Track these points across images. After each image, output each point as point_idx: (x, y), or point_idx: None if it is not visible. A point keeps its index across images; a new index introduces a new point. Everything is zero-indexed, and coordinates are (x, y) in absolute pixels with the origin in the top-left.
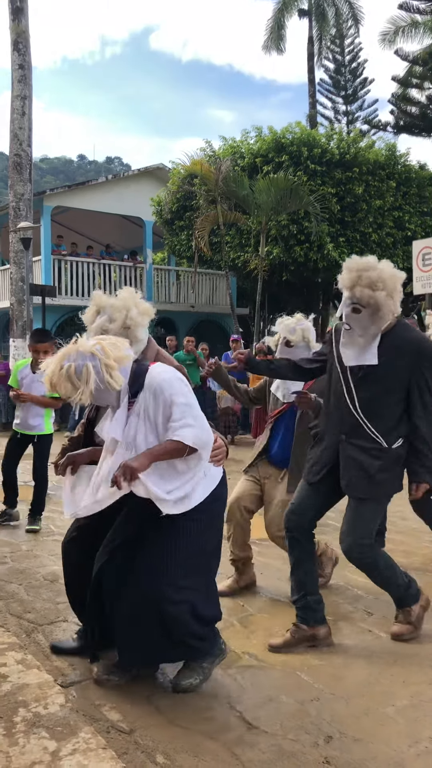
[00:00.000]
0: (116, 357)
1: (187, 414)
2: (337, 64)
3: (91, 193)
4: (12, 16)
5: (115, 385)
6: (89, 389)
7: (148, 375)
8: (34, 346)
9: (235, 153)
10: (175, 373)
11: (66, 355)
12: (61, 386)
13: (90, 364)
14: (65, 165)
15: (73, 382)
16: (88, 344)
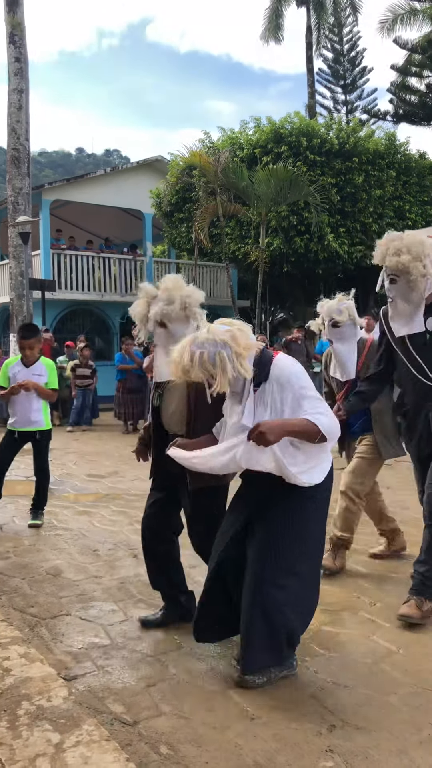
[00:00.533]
0: (245, 345)
1: (319, 406)
2: (336, 54)
3: (89, 187)
4: (7, 8)
5: (245, 374)
6: (227, 378)
7: (273, 365)
8: (20, 342)
9: (233, 144)
10: (300, 366)
11: (196, 341)
12: (194, 374)
13: (223, 352)
14: (64, 158)
15: (207, 369)
16: (220, 331)
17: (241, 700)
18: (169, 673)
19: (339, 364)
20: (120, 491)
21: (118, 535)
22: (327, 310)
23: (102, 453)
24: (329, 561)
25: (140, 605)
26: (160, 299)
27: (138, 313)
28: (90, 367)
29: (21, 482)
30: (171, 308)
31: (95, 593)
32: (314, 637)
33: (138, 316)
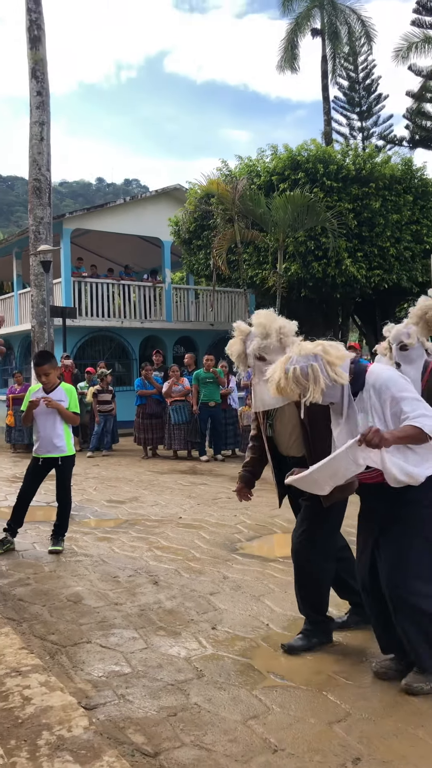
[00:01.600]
0: (337, 355)
1: (419, 406)
2: (351, 81)
3: (109, 215)
4: (30, 44)
5: (340, 380)
6: (320, 387)
7: (368, 373)
8: (35, 369)
9: (251, 172)
10: (394, 371)
11: (289, 359)
12: (289, 389)
13: (315, 364)
14: (84, 188)
15: (300, 383)
16: (309, 346)
17: (263, 730)
18: (191, 702)
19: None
20: (140, 517)
21: (138, 561)
22: (395, 334)
23: (122, 478)
24: None
25: (160, 633)
26: (256, 335)
27: (235, 351)
28: (110, 392)
29: (41, 508)
30: (268, 342)
31: (116, 620)
32: (336, 667)
33: (235, 354)
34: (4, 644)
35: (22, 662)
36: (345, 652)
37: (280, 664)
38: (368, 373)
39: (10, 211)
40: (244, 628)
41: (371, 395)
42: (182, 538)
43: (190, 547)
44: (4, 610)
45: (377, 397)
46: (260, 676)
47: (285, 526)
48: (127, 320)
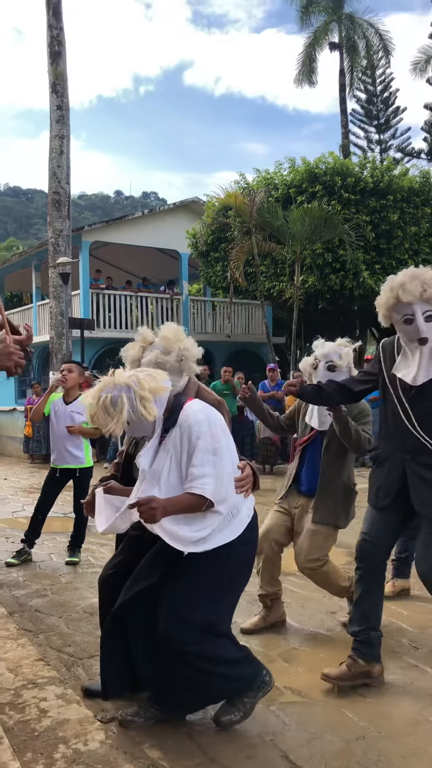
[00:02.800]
0: (151, 388)
1: (207, 462)
2: (369, 94)
3: (127, 228)
4: (50, 60)
5: (148, 417)
6: (122, 419)
7: (182, 412)
8: (62, 366)
9: (269, 184)
10: (209, 415)
11: (104, 386)
12: (98, 417)
13: (124, 395)
14: (102, 201)
15: (108, 412)
16: (123, 376)
17: (281, 747)
18: (208, 717)
19: (320, 411)
20: None
21: None
22: (326, 351)
23: None
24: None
25: None
26: (157, 347)
27: (130, 356)
28: None
29: (58, 519)
30: (166, 359)
31: None
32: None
33: (129, 359)
34: (21, 655)
35: (38, 674)
36: None
37: (297, 680)
38: (182, 411)
39: (30, 223)
40: (260, 642)
41: (177, 435)
42: None
43: None
44: (21, 621)
45: (179, 439)
46: (277, 691)
47: None
48: None
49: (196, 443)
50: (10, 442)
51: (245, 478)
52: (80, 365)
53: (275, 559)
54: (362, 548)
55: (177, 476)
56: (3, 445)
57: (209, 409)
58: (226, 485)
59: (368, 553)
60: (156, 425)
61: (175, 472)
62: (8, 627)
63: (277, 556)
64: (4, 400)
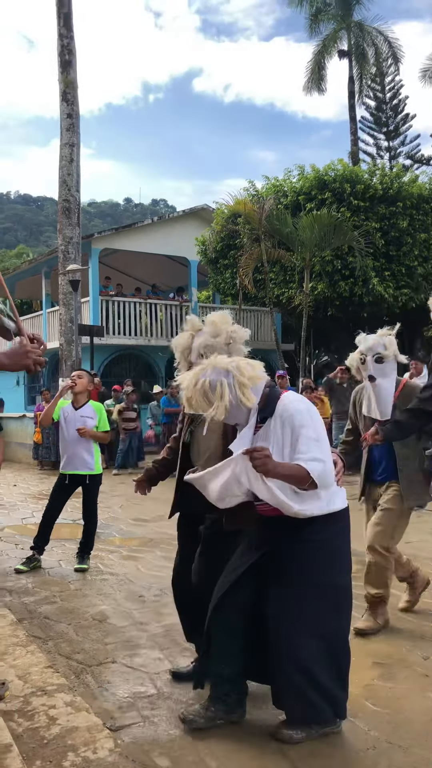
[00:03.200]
0: (250, 376)
1: (314, 448)
2: (378, 102)
3: (137, 235)
4: (61, 69)
5: (247, 403)
6: (224, 405)
7: (280, 402)
8: (73, 373)
9: (278, 192)
10: (308, 405)
11: (202, 370)
12: (195, 400)
13: (224, 380)
14: (112, 208)
15: (207, 396)
16: (224, 361)
17: (292, 756)
18: (217, 725)
19: (379, 402)
20: (166, 536)
21: (164, 581)
22: (371, 344)
23: (147, 497)
24: (370, 622)
25: (186, 654)
26: (205, 332)
27: (180, 344)
28: (135, 410)
29: (67, 525)
30: (215, 341)
31: (141, 640)
32: (365, 692)
33: (179, 348)
34: (31, 663)
35: (47, 681)
36: (372, 678)
37: None
38: (280, 401)
39: (40, 231)
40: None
41: (277, 425)
42: None
43: None
44: (31, 627)
45: (281, 428)
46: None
47: None
48: (154, 338)
49: (300, 431)
50: (19, 449)
51: (339, 469)
52: (89, 373)
53: (383, 562)
54: None
55: None
56: (13, 451)
57: (305, 400)
58: (329, 472)
59: None
60: (251, 414)
61: (278, 461)
62: (18, 634)
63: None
64: (13, 406)
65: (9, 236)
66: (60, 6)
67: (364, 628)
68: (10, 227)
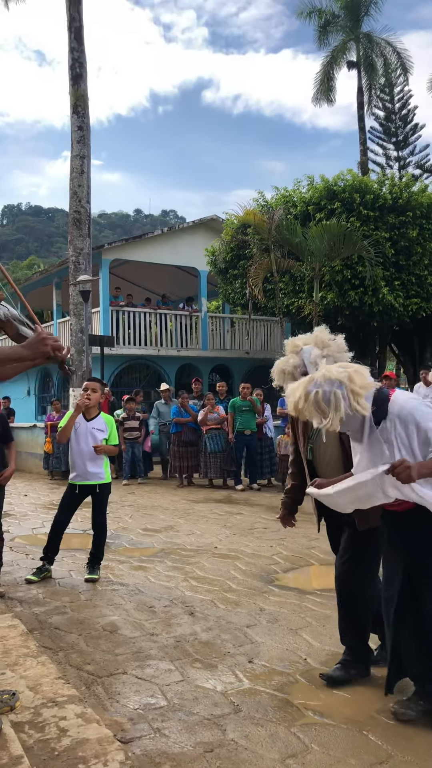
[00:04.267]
0: (362, 384)
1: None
2: (387, 112)
3: (147, 246)
4: (72, 82)
5: (363, 411)
6: (339, 415)
7: (391, 403)
8: (86, 383)
9: (287, 202)
10: (419, 399)
11: (312, 380)
12: (308, 411)
13: (338, 391)
14: (122, 219)
15: (321, 408)
16: (335, 371)
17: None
18: (227, 738)
19: None
20: (175, 546)
21: (174, 591)
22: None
23: (157, 507)
24: None
25: (197, 665)
26: (311, 345)
27: (291, 363)
28: (137, 419)
29: (77, 535)
30: (326, 351)
31: (151, 651)
32: (376, 705)
33: (284, 371)
34: (41, 673)
35: (58, 692)
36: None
37: (319, 701)
38: (391, 402)
39: (51, 242)
40: (281, 662)
41: (396, 425)
42: (218, 569)
43: (226, 578)
44: (41, 638)
45: (403, 428)
46: (298, 712)
47: (322, 558)
48: (164, 348)
49: (427, 425)
50: (30, 459)
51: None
52: (101, 382)
53: None
54: None
55: (412, 461)
56: (23, 461)
57: (414, 396)
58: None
59: None
60: (365, 421)
61: (408, 459)
62: (28, 644)
63: None
64: (24, 416)
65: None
66: (71, 20)
67: None
68: (22, 238)
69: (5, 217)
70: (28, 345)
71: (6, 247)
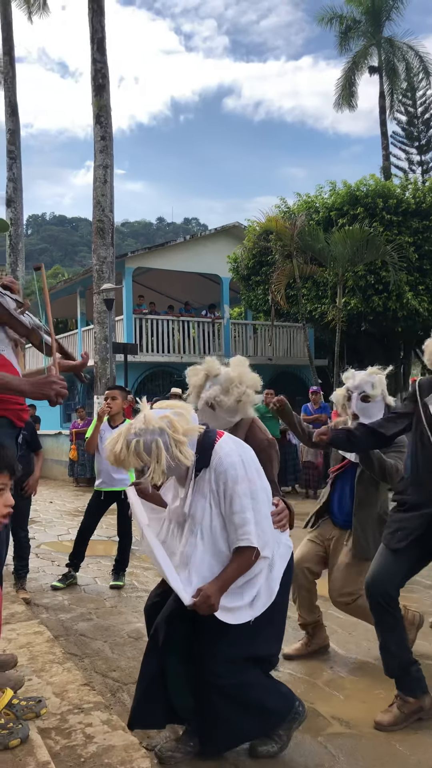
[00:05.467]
0: (185, 430)
1: (246, 508)
2: (410, 116)
3: (170, 254)
4: (94, 92)
5: (185, 461)
6: (161, 467)
7: (214, 452)
8: (107, 392)
9: (309, 208)
10: (242, 455)
11: (129, 430)
12: (129, 462)
13: (159, 440)
14: (145, 228)
15: (141, 458)
16: (155, 418)
17: None
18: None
19: None
20: None
21: None
22: (358, 382)
23: None
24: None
25: None
26: (218, 383)
27: (193, 383)
28: None
29: (102, 542)
30: (224, 399)
31: None
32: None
33: (193, 384)
34: (67, 680)
35: (84, 699)
36: None
37: (345, 710)
38: (214, 451)
39: (75, 251)
40: (306, 669)
41: (212, 478)
42: None
43: None
44: (67, 644)
45: (215, 483)
46: (325, 721)
47: None
48: (187, 356)
49: (234, 488)
50: (55, 466)
51: (281, 512)
52: (123, 389)
53: (311, 588)
54: (372, 585)
55: (219, 523)
56: (48, 468)
57: (241, 447)
58: (266, 528)
59: (378, 590)
60: (190, 469)
61: (217, 519)
62: (54, 651)
63: (312, 584)
64: (49, 424)
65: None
66: (94, 32)
67: (291, 653)
68: (46, 248)
69: (30, 227)
70: (35, 383)
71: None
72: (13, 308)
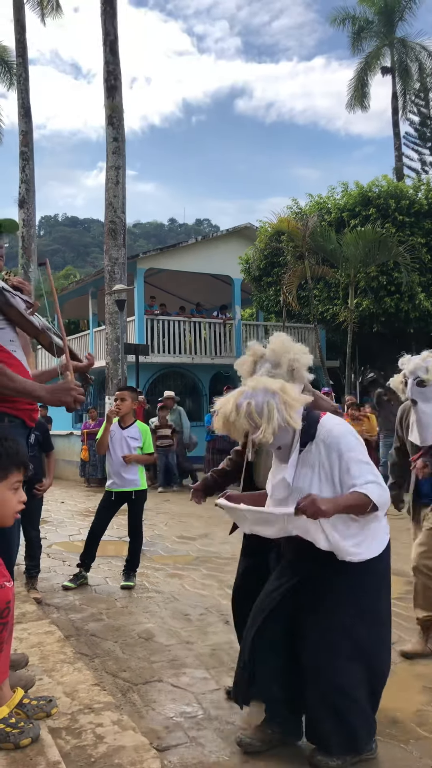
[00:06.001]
0: (296, 397)
1: (367, 471)
2: (423, 117)
3: (181, 255)
4: (107, 94)
5: (294, 424)
6: (272, 427)
7: (320, 426)
8: (117, 393)
9: (321, 209)
10: (347, 427)
11: (243, 392)
12: (239, 424)
13: (272, 401)
14: (157, 229)
15: (253, 419)
16: (268, 381)
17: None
18: (273, 747)
19: (420, 427)
20: (210, 554)
21: (209, 599)
22: (413, 367)
23: (192, 514)
24: (419, 646)
25: (232, 674)
26: (267, 360)
27: (245, 371)
28: (170, 427)
29: (113, 542)
30: (277, 372)
31: (187, 659)
32: (416, 718)
33: (244, 374)
34: (78, 680)
35: (94, 699)
36: (423, 703)
37: None
38: (320, 425)
39: (87, 252)
40: None
41: (321, 450)
42: None
43: None
44: (78, 644)
45: (326, 454)
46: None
47: None
48: (198, 356)
49: (350, 455)
50: (67, 466)
51: None
52: (133, 390)
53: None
54: None
55: (330, 492)
56: (60, 469)
57: (345, 422)
58: (386, 493)
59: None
60: (294, 437)
61: (327, 488)
62: (65, 651)
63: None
64: (61, 424)
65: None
66: (106, 34)
67: (409, 651)
68: (58, 249)
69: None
70: (52, 390)
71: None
72: (24, 308)
